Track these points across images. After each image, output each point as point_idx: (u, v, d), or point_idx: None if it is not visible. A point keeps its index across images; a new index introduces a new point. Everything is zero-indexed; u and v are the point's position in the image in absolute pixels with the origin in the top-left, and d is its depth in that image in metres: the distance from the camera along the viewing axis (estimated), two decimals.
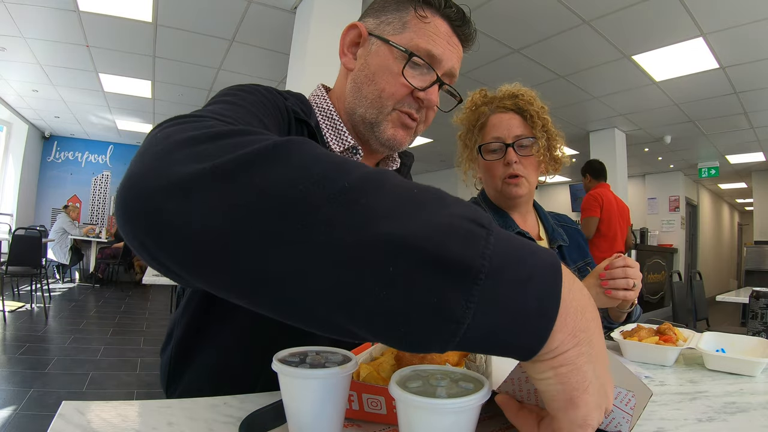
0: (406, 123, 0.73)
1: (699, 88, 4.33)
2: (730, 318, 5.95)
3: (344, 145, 0.75)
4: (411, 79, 0.69)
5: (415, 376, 0.40)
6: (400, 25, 0.71)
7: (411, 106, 0.72)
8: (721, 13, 3.08)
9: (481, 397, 0.35)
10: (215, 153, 0.32)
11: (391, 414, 0.49)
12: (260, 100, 0.60)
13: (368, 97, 0.72)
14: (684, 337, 0.93)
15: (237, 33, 3.82)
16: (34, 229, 4.93)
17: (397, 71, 0.69)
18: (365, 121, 0.73)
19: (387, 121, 0.72)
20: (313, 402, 0.41)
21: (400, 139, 0.73)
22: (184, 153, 0.32)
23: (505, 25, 3.44)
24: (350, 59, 0.76)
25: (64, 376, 2.90)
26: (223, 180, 0.30)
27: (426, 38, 0.69)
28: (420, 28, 0.69)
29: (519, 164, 1.08)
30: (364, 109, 0.73)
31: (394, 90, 0.70)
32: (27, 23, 3.79)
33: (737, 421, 0.58)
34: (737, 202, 12.07)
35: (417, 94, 0.71)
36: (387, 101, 0.71)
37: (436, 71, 0.71)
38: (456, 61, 0.73)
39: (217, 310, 0.68)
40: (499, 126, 1.11)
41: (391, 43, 0.70)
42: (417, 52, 0.69)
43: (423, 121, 0.76)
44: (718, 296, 3.60)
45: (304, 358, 0.44)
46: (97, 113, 6.68)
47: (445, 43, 0.71)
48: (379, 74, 0.71)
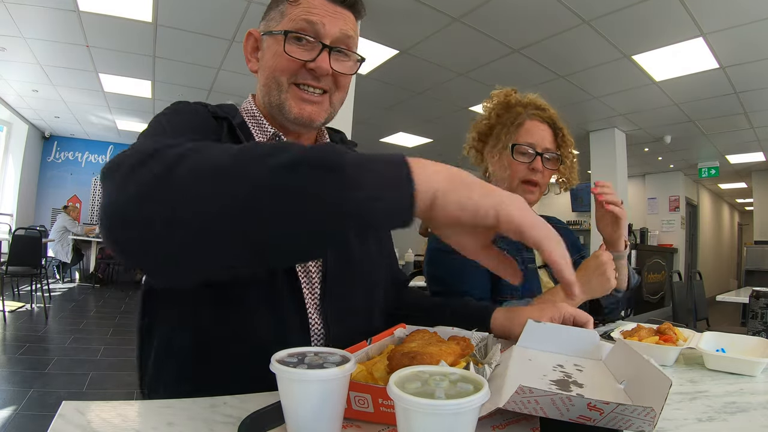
0: (307, 98, 0.77)
1: (699, 88, 4.33)
2: (730, 318, 5.95)
3: (266, 134, 0.82)
4: (295, 54, 0.74)
5: (414, 377, 0.39)
6: (279, 17, 0.77)
7: (306, 77, 0.76)
8: (721, 13, 3.08)
9: (480, 398, 0.35)
10: (154, 166, 0.42)
11: (378, 412, 0.49)
12: (180, 119, 0.71)
13: (267, 83, 0.78)
14: (684, 336, 0.93)
15: (237, 33, 3.82)
16: (34, 229, 4.93)
17: (281, 51, 0.74)
18: (273, 106, 0.78)
19: (288, 99, 0.77)
20: (312, 403, 0.40)
21: (307, 114, 0.77)
22: (131, 178, 0.42)
23: (505, 25, 3.44)
24: (254, 63, 0.83)
25: (64, 376, 2.90)
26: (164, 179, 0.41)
27: (299, 16, 0.74)
28: (294, 10, 0.75)
29: (541, 174, 1.15)
30: (268, 95, 0.78)
31: (283, 66, 0.75)
32: (27, 23, 3.79)
33: (737, 421, 0.58)
34: (737, 202, 12.07)
35: (308, 65, 0.75)
36: (280, 78, 0.76)
37: (322, 41, 0.75)
38: (342, 25, 0.76)
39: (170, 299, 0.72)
40: (535, 133, 1.17)
41: (273, 32, 0.76)
42: (293, 27, 0.74)
43: (336, 90, 0.80)
44: (718, 296, 3.60)
45: (303, 358, 0.44)
46: (97, 113, 6.69)
47: (321, 11, 0.75)
48: (269, 61, 0.77)
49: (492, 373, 0.56)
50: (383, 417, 0.48)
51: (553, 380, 0.55)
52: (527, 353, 0.64)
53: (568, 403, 0.44)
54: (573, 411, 0.45)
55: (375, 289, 0.87)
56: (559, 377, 0.56)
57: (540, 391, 0.43)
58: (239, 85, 4.98)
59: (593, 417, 0.44)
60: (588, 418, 0.45)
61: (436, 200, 0.41)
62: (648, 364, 0.48)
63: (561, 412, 0.45)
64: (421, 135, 6.74)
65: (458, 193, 0.41)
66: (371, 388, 0.48)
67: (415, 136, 6.83)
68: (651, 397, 0.45)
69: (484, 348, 0.68)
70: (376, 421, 0.49)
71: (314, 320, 0.74)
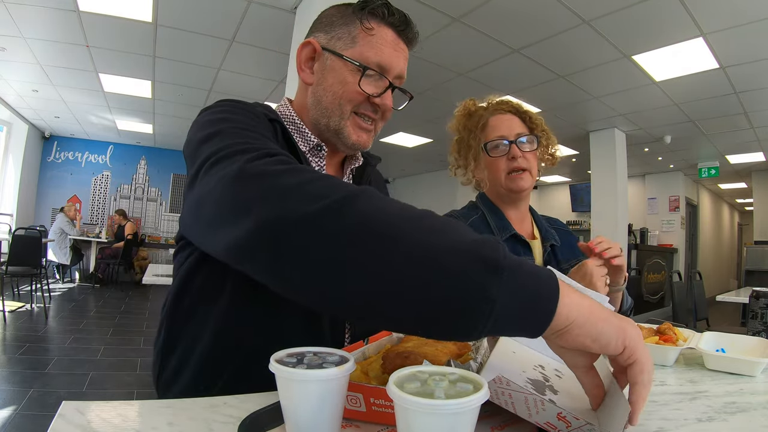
0: (364, 126, 0.81)
1: (699, 88, 4.32)
2: (730, 318, 5.95)
3: (309, 144, 0.82)
4: (365, 88, 0.77)
5: (413, 377, 0.39)
6: (350, 40, 0.77)
7: (367, 109, 0.80)
8: (721, 13, 3.08)
9: (479, 398, 0.35)
10: (324, 193, 0.44)
11: (370, 411, 0.49)
12: (251, 119, 0.68)
13: (329, 107, 0.79)
14: (684, 337, 0.93)
15: (237, 33, 3.82)
16: (34, 229, 4.93)
17: (353, 82, 0.77)
18: (330, 129, 0.80)
19: (348, 126, 0.80)
20: (311, 404, 0.40)
21: (363, 141, 0.82)
22: (298, 195, 0.45)
23: (505, 25, 3.43)
24: (308, 74, 0.82)
25: (64, 376, 2.90)
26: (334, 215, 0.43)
27: (375, 50, 0.77)
28: (368, 41, 0.77)
29: (524, 158, 1.15)
30: (327, 118, 0.80)
31: (352, 97, 0.78)
32: (27, 23, 3.79)
33: (737, 421, 0.58)
34: (737, 202, 12.06)
35: (373, 100, 0.78)
36: (346, 106, 0.79)
37: (387, 77, 0.78)
38: (403, 63, 0.81)
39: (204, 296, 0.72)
40: (501, 126, 1.18)
41: (345, 57, 0.77)
42: (368, 64, 0.76)
43: (381, 120, 0.84)
44: (718, 296, 3.60)
45: (302, 358, 0.44)
46: (97, 113, 6.68)
47: (392, 50, 0.78)
48: (336, 86, 0.78)
49: (477, 366, 0.56)
50: (376, 416, 0.49)
51: (530, 378, 0.54)
52: (513, 345, 0.64)
53: (540, 406, 0.44)
54: (542, 415, 0.45)
55: None
56: (536, 377, 0.56)
57: (517, 386, 0.44)
58: (239, 85, 4.97)
59: (559, 427, 0.45)
60: (554, 426, 0.45)
61: (570, 330, 0.43)
62: (615, 388, 0.48)
63: (530, 413, 0.45)
64: (421, 135, 6.75)
65: (594, 326, 0.43)
66: (363, 388, 0.48)
67: (415, 136, 6.84)
68: (613, 424, 0.44)
69: (481, 346, 0.68)
70: (369, 421, 0.49)
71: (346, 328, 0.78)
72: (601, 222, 6.03)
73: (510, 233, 1.17)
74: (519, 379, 0.52)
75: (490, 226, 1.18)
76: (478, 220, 1.20)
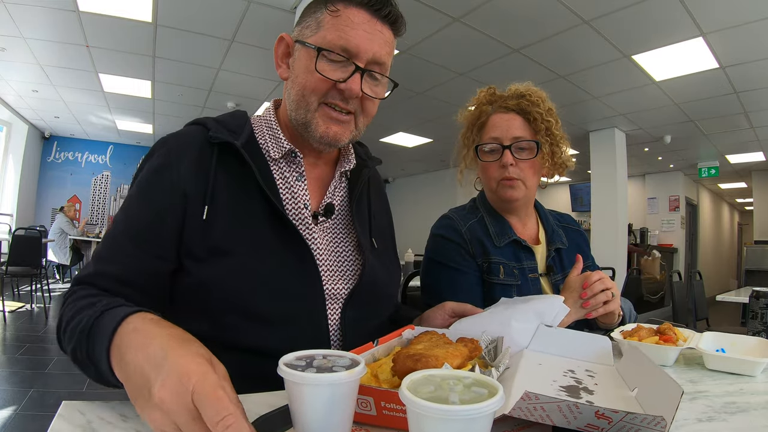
0: (335, 117, 0.75)
1: (699, 88, 4.32)
2: (730, 318, 5.94)
3: (282, 150, 0.79)
4: (326, 73, 0.71)
5: (426, 380, 0.38)
6: (316, 26, 0.73)
7: (335, 97, 0.74)
8: (721, 13, 3.08)
9: (494, 403, 0.34)
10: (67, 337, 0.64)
11: (381, 415, 0.48)
12: (143, 205, 0.71)
13: (296, 99, 0.76)
14: (684, 337, 0.92)
15: (237, 33, 3.82)
16: (34, 230, 4.93)
17: (312, 68, 0.71)
18: (299, 123, 0.77)
19: (316, 118, 0.75)
20: (322, 408, 0.39)
21: (333, 134, 0.76)
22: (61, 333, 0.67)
23: (505, 25, 3.43)
24: (284, 69, 0.80)
25: (64, 376, 2.90)
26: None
27: (338, 31, 0.71)
28: (332, 23, 0.72)
29: (515, 167, 1.06)
30: (295, 111, 0.76)
31: (314, 85, 0.73)
32: (27, 23, 3.79)
33: (737, 421, 0.57)
34: (737, 202, 12.06)
35: (338, 86, 0.72)
36: (310, 97, 0.74)
37: (356, 62, 0.72)
38: (378, 46, 0.74)
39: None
40: (498, 126, 1.09)
41: (306, 44, 0.73)
42: (328, 46, 0.71)
43: (361, 113, 0.78)
44: (718, 296, 3.60)
45: (311, 362, 0.42)
46: (97, 113, 6.69)
47: (362, 32, 0.72)
48: (302, 76, 0.74)
49: (500, 376, 0.55)
50: (387, 420, 0.48)
51: (563, 386, 0.54)
52: (538, 357, 0.63)
53: (576, 410, 0.43)
54: (581, 419, 0.43)
55: (389, 303, 0.89)
56: (569, 383, 0.55)
57: (546, 397, 0.42)
58: (239, 85, 4.97)
59: (601, 426, 0.43)
60: (596, 426, 0.43)
61: None
62: (660, 371, 0.47)
63: (568, 419, 0.43)
64: (421, 135, 6.75)
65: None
66: (374, 391, 0.48)
67: (415, 136, 6.83)
68: (662, 406, 0.43)
69: (493, 350, 0.67)
70: (379, 425, 0.49)
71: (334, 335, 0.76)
72: (601, 222, 6.03)
73: (510, 239, 1.10)
74: (550, 390, 0.51)
75: (488, 231, 1.11)
76: (477, 224, 1.12)
